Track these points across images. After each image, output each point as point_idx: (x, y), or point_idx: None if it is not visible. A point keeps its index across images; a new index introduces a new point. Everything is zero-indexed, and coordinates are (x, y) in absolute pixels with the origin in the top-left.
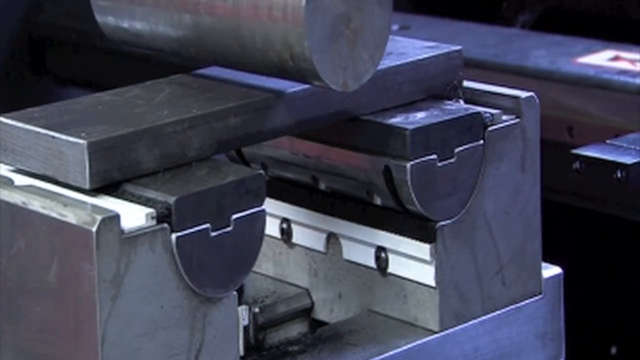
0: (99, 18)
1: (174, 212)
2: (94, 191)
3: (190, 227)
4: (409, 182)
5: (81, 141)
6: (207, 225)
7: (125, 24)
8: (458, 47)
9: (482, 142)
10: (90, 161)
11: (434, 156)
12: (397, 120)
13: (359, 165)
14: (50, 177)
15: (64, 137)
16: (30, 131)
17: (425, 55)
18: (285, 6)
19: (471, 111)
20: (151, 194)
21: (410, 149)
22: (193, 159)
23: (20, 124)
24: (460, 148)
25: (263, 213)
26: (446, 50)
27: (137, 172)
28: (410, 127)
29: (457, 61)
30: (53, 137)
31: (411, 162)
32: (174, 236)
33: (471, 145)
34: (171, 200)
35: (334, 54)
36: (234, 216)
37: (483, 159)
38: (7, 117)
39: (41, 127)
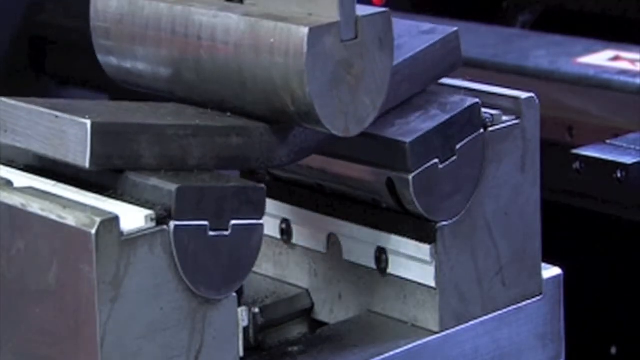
0: (100, 58)
1: (174, 200)
2: (94, 192)
3: (189, 220)
4: (412, 193)
5: (85, 120)
6: (206, 223)
7: (127, 65)
8: (454, 29)
9: (482, 130)
10: (93, 141)
11: (435, 160)
12: (395, 129)
13: (361, 177)
14: (49, 157)
15: (67, 116)
16: (33, 111)
17: (423, 47)
18: (287, 51)
19: (469, 103)
20: (153, 181)
21: (411, 161)
22: (194, 168)
23: (23, 104)
24: (461, 144)
25: (261, 227)
26: (442, 35)
27: (138, 165)
28: (408, 139)
29: (454, 43)
30: (56, 116)
31: (413, 174)
32: (172, 225)
33: (472, 137)
34: (173, 188)
35: (335, 99)
36: (233, 222)
37: (484, 151)
38: (10, 99)
39: (45, 107)
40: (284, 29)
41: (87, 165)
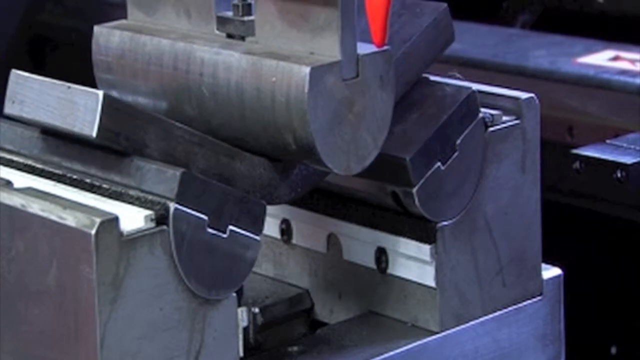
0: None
1: (178, 183)
2: (93, 194)
3: (190, 209)
4: (417, 203)
5: (97, 91)
6: (205, 218)
7: (129, 99)
8: (444, 6)
9: (480, 115)
10: (103, 111)
11: (437, 164)
12: (395, 140)
13: (367, 189)
14: (56, 127)
15: (80, 87)
16: (45, 82)
17: (415, 37)
18: (288, 90)
19: (465, 95)
20: (158, 165)
21: (413, 176)
22: None
23: (35, 76)
24: (461, 137)
25: (258, 244)
26: (433, 16)
27: (142, 154)
28: (408, 155)
29: (445, 21)
30: (69, 87)
31: (416, 187)
32: (172, 207)
33: (471, 127)
34: (178, 171)
35: (336, 138)
36: (231, 227)
37: (484, 140)
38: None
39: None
40: (285, 68)
41: (93, 134)
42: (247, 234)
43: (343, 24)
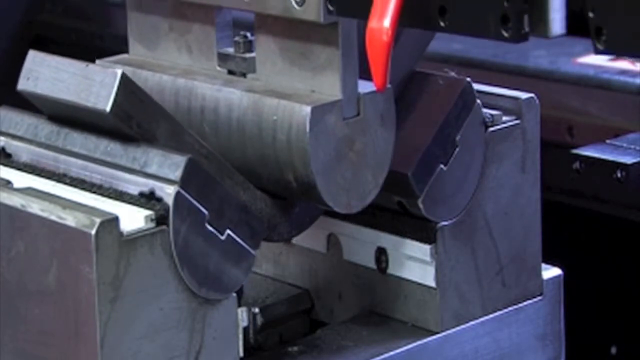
0: None
1: (184, 167)
2: (95, 196)
3: (192, 197)
4: (423, 209)
5: (116, 70)
6: (206, 212)
7: None
8: None
9: (478, 102)
10: (119, 88)
11: (439, 167)
12: (395, 153)
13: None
14: (69, 102)
15: (98, 66)
16: (62, 60)
17: (402, 37)
18: (289, 129)
19: (461, 89)
20: (166, 150)
21: (417, 188)
22: None
23: (53, 56)
24: (460, 132)
25: (252, 258)
26: None
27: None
28: (410, 170)
29: None
30: (87, 65)
31: (422, 197)
32: (174, 190)
33: (469, 118)
34: (185, 157)
35: (337, 176)
36: (229, 232)
37: (484, 130)
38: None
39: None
40: (286, 107)
41: (107, 109)
42: (244, 244)
43: (344, 63)
